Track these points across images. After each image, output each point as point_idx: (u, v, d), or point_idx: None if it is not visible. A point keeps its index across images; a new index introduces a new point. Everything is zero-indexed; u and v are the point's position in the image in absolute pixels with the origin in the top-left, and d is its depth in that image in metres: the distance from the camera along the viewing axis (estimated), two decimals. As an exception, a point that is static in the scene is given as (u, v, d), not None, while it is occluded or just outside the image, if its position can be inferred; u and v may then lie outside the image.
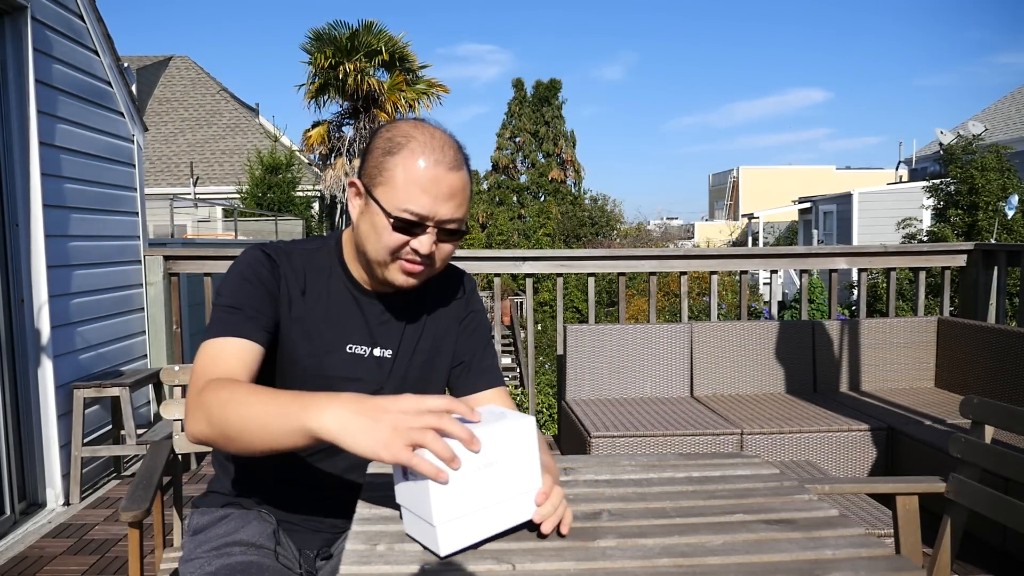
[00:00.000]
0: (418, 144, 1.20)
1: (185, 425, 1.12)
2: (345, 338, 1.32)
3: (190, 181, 18.30)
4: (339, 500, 1.35)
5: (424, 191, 1.19)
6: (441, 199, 1.20)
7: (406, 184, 1.19)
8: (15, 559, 2.84)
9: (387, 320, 1.35)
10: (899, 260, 4.46)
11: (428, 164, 1.19)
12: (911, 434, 3.09)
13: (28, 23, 3.25)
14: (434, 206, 1.19)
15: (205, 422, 1.07)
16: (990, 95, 57.51)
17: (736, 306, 8.80)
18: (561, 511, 1.01)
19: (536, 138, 28.62)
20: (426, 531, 0.95)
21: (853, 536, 1.01)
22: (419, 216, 1.20)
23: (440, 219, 1.21)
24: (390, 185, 1.20)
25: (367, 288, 1.34)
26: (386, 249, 1.23)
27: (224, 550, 1.28)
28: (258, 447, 1.03)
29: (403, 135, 1.21)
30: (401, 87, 16.78)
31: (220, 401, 1.06)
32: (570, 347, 3.82)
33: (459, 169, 1.22)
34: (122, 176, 4.16)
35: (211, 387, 1.09)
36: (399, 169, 1.20)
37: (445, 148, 1.21)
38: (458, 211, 1.23)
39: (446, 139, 1.22)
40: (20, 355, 3.28)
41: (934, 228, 12.64)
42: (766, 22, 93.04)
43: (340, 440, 0.93)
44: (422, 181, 1.18)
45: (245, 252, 1.31)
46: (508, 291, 19.64)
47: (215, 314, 1.23)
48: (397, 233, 1.21)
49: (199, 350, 1.20)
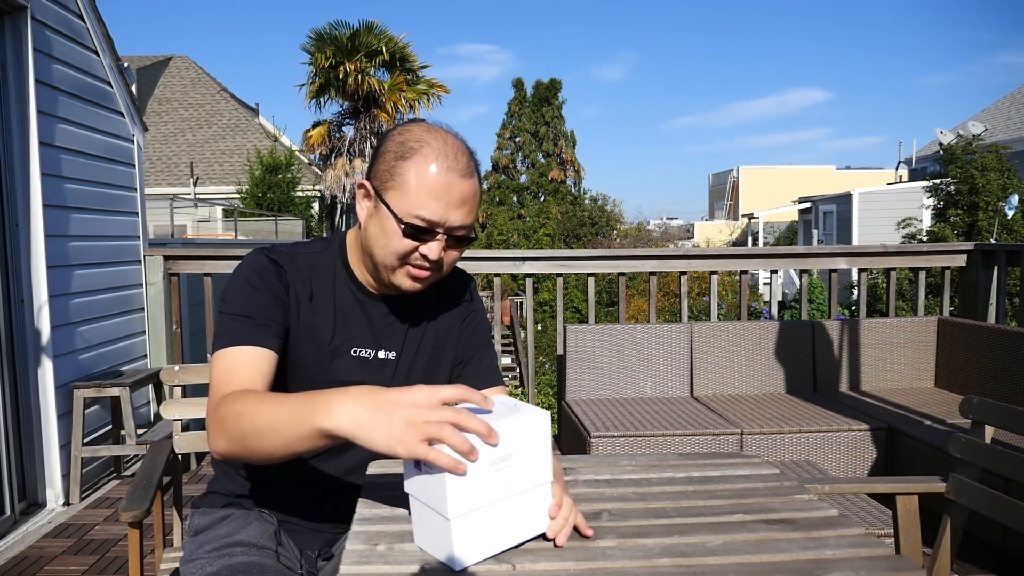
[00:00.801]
0: (431, 150, 1.18)
1: (208, 444, 1.12)
2: (350, 341, 1.32)
3: (190, 181, 18.30)
4: (340, 500, 1.35)
5: (436, 198, 1.17)
6: (453, 206, 1.19)
7: (418, 190, 1.18)
8: (15, 559, 2.84)
9: (391, 322, 1.35)
10: (899, 260, 4.46)
11: (441, 171, 1.17)
12: (911, 434, 3.09)
13: (28, 23, 3.25)
14: (445, 213, 1.18)
15: (224, 438, 1.07)
16: (990, 95, 57.52)
17: (736, 306, 8.80)
18: (572, 520, 1.01)
19: (536, 138, 28.62)
20: (439, 533, 0.93)
21: (853, 536, 1.01)
22: (430, 223, 1.19)
23: (450, 226, 1.20)
24: (402, 190, 1.19)
25: (370, 291, 1.34)
26: (395, 254, 1.22)
27: (225, 551, 1.28)
28: (277, 455, 1.02)
29: (416, 139, 1.20)
30: (401, 87, 16.79)
31: (235, 414, 1.05)
32: (570, 347, 3.82)
33: (471, 176, 1.21)
34: (122, 176, 4.16)
35: (226, 402, 1.09)
36: (411, 174, 1.18)
37: (458, 155, 1.19)
38: (468, 218, 1.22)
39: (459, 145, 1.21)
40: (20, 355, 3.28)
41: (934, 228, 12.64)
42: (766, 22, 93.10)
43: (355, 437, 0.92)
44: (434, 188, 1.17)
45: (249, 258, 1.29)
46: (508, 291, 19.63)
47: (223, 323, 1.21)
48: (407, 239, 1.20)
49: (212, 361, 1.19)
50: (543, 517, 1.00)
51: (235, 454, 1.07)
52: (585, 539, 1.01)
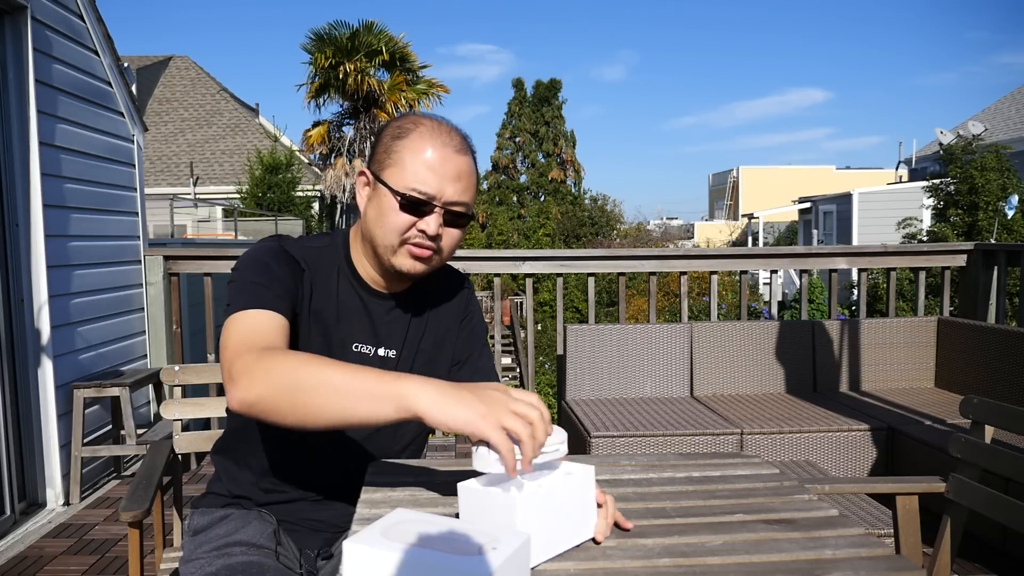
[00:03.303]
0: (426, 128, 1.25)
1: (232, 389, 1.04)
2: (351, 337, 1.33)
3: (190, 181, 18.30)
4: (339, 500, 1.36)
5: (431, 170, 1.22)
6: (448, 179, 1.23)
7: (414, 164, 1.23)
8: (15, 559, 2.84)
9: (391, 320, 1.36)
10: (899, 260, 4.46)
11: (436, 146, 1.23)
12: (911, 434, 3.09)
13: (28, 23, 3.25)
14: (441, 185, 1.22)
15: (265, 384, 1.01)
16: (990, 95, 57.50)
17: (736, 306, 8.80)
18: (612, 516, 1.02)
19: (536, 138, 28.63)
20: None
21: (853, 536, 1.01)
22: (426, 195, 1.22)
23: (447, 200, 1.23)
24: (398, 166, 1.24)
25: (373, 288, 1.35)
26: (394, 231, 1.24)
27: (225, 550, 1.28)
28: (325, 417, 1.00)
29: (411, 122, 1.27)
30: (401, 87, 16.78)
31: (290, 366, 1.02)
32: (570, 347, 3.82)
33: (465, 153, 1.26)
34: (122, 176, 4.16)
35: (272, 353, 1.06)
36: (407, 151, 1.24)
37: (452, 133, 1.26)
38: (464, 194, 1.25)
39: (452, 127, 1.28)
40: (20, 355, 3.28)
41: (934, 228, 12.64)
42: (767, 22, 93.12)
43: (432, 411, 0.93)
44: (430, 161, 1.22)
45: (263, 241, 1.30)
46: (508, 291, 19.64)
47: (236, 289, 1.18)
48: (404, 213, 1.23)
49: (227, 323, 1.14)
50: (592, 519, 1.00)
51: (271, 402, 1.01)
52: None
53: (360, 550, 0.82)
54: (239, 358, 1.06)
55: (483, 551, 0.81)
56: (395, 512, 0.92)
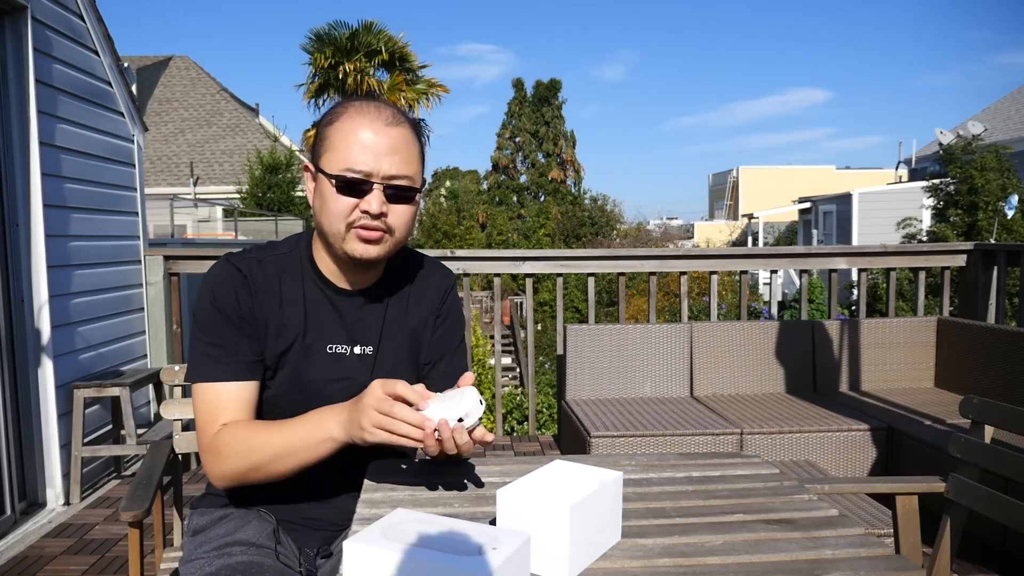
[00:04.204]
0: (353, 109, 1.24)
1: (208, 470, 1.24)
2: (324, 339, 1.31)
3: (190, 181, 18.30)
4: (339, 499, 1.36)
5: (363, 148, 1.21)
6: (382, 154, 1.21)
7: (345, 145, 1.22)
8: (15, 559, 2.84)
9: (363, 317, 1.34)
10: (899, 260, 4.46)
11: (364, 122, 1.22)
12: (911, 434, 3.09)
13: (28, 23, 3.25)
14: (376, 162, 1.21)
15: (230, 469, 1.22)
16: (990, 95, 57.52)
17: (736, 306, 8.80)
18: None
19: (536, 138, 28.63)
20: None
21: (853, 536, 1.01)
22: (362, 172, 1.21)
23: (385, 175, 1.22)
24: (332, 151, 1.23)
25: (339, 286, 1.33)
26: (338, 216, 1.22)
27: (224, 550, 1.28)
28: (291, 473, 1.20)
29: (341, 107, 1.26)
30: (401, 87, 16.76)
31: (244, 450, 1.21)
32: (570, 347, 3.82)
33: (398, 125, 1.24)
34: (122, 176, 4.16)
35: (225, 436, 1.22)
36: (337, 134, 1.23)
37: (381, 108, 1.25)
38: (404, 168, 1.23)
39: (382, 103, 1.26)
40: (20, 355, 3.28)
41: (934, 228, 12.64)
42: (767, 22, 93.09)
43: (352, 438, 1.14)
44: (360, 139, 1.21)
45: (216, 269, 1.29)
46: (508, 291, 19.63)
47: (193, 351, 1.27)
48: (344, 196, 1.21)
49: (194, 394, 1.27)
50: (618, 523, 1.02)
51: (242, 480, 1.23)
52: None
53: (360, 550, 0.82)
54: (205, 437, 1.24)
55: (483, 551, 0.81)
56: (395, 512, 0.92)
